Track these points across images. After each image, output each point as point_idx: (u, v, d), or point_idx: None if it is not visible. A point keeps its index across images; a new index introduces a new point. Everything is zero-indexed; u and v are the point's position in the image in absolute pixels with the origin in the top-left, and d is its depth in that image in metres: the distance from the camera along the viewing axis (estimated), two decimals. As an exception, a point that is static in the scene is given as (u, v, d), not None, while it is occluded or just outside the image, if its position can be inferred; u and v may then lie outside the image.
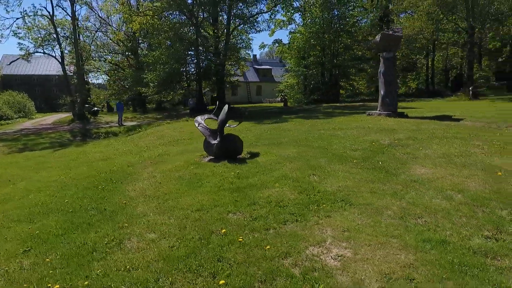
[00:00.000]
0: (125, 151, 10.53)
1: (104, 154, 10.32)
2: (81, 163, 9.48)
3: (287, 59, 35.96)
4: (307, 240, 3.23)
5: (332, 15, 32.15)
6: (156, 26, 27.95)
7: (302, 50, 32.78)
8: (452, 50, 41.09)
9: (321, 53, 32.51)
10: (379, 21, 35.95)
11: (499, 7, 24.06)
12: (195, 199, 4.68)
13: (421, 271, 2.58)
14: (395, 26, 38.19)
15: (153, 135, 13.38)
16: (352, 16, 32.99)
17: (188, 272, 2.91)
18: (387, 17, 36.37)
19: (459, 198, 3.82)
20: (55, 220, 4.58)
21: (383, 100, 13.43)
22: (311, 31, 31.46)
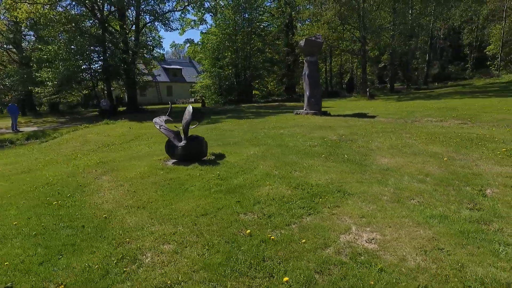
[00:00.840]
0: (49, 160, 9.04)
1: (21, 166, 8.65)
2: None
3: (202, 60, 35.65)
4: (335, 230, 3.49)
5: (243, 18, 33.21)
6: (49, 17, 24.34)
7: (217, 51, 33.01)
8: (345, 57, 47.06)
9: (235, 54, 33.27)
10: (285, 27, 38.71)
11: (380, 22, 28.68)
12: (190, 204, 4.46)
13: (443, 242, 3.10)
14: (297, 32, 41.87)
15: (75, 141, 11.74)
16: (262, 20, 34.72)
17: (241, 276, 2.84)
18: (291, 23, 39.42)
19: (430, 180, 4.61)
20: (20, 246, 3.79)
21: (309, 100, 14.65)
22: (225, 32, 31.92)
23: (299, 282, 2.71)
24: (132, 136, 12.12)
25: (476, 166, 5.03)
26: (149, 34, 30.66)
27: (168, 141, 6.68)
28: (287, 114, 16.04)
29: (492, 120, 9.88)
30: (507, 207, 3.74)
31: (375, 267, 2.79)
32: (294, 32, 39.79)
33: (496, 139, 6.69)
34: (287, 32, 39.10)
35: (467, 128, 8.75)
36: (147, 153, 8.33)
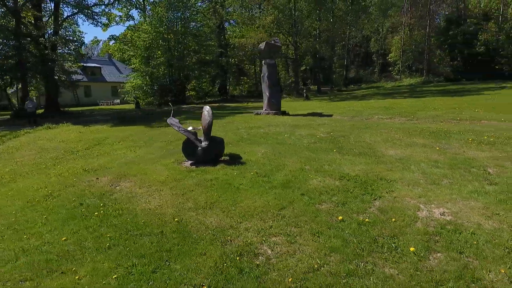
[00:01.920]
0: (12, 171, 7.79)
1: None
2: None
3: (132, 58, 33.50)
4: (409, 209, 4.15)
5: (176, 16, 32.36)
6: None
7: (149, 49, 31.47)
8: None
9: (169, 54, 32.21)
10: (217, 27, 38.94)
11: (310, 29, 31.27)
12: (258, 201, 4.65)
13: (494, 209, 4.02)
14: (227, 34, 42.58)
15: (26, 149, 10.17)
16: (196, 20, 34.30)
17: (372, 253, 3.29)
18: (223, 25, 39.87)
19: (442, 165, 5.66)
20: (106, 259, 3.55)
21: (270, 101, 15.36)
22: (158, 30, 30.66)
23: (422, 249, 3.29)
24: (93, 141, 11.11)
25: (464, 153, 6.32)
26: (69, 28, 27.68)
27: (187, 142, 6.56)
28: (246, 114, 16.48)
29: (429, 117, 11.98)
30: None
31: (468, 231, 3.54)
32: (225, 33, 40.37)
33: (454, 131, 8.32)
34: (219, 34, 39.39)
35: (418, 123, 10.48)
36: (140, 157, 7.92)
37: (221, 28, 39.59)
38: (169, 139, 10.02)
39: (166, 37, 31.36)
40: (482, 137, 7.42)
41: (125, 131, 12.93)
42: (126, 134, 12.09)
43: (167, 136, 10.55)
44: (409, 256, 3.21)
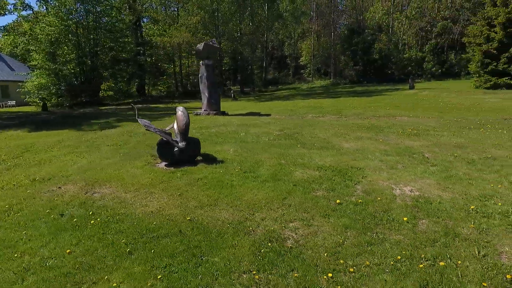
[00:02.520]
0: None
1: None
2: None
3: (33, 53, 29.21)
4: (386, 189, 5.02)
5: (87, 10, 29.49)
6: None
7: (55, 44, 27.95)
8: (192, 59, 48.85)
9: (79, 50, 29.17)
10: (134, 24, 36.69)
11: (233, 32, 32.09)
12: (258, 194, 5.00)
13: (450, 182, 5.18)
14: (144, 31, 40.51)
15: None
16: (110, 14, 31.73)
17: (379, 225, 3.99)
18: (139, 22, 37.75)
19: (392, 153, 6.81)
20: (143, 263, 3.50)
21: (209, 101, 15.48)
22: (66, 24, 27.49)
23: (411, 218, 4.13)
24: (18, 148, 9.75)
25: (402, 143, 7.69)
26: None
27: (163, 143, 6.43)
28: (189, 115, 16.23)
29: (353, 114, 13.80)
30: (446, 160, 6.28)
31: (435, 202, 4.53)
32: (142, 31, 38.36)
33: (384, 126, 9.90)
34: (135, 30, 37.19)
35: (349, 120, 12.04)
36: (96, 162, 7.39)
37: (137, 25, 37.48)
38: (115, 143, 9.46)
39: (75, 31, 28.38)
40: (407, 130, 9.07)
41: (52, 136, 11.58)
42: (55, 139, 10.87)
43: (111, 140, 9.91)
44: (405, 224, 4.02)
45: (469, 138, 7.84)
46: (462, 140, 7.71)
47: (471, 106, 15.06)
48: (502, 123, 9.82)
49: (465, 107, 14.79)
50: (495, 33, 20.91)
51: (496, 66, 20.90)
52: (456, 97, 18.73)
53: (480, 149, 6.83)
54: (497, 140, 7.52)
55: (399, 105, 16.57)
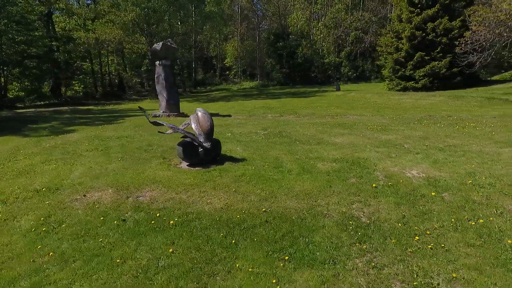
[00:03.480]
0: None
1: None
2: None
3: None
4: (400, 173, 6.18)
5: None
6: None
7: None
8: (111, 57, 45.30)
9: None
10: (45, 16, 32.39)
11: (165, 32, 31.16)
12: (308, 185, 5.63)
13: (441, 164, 6.60)
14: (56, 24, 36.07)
15: None
16: (16, 4, 27.47)
17: (418, 202, 5.05)
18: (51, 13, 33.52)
19: (380, 145, 8.12)
20: (265, 250, 3.86)
21: (168, 103, 15.15)
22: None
23: (436, 193, 5.30)
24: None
25: (380, 137, 9.12)
26: None
27: (187, 144, 6.50)
28: (137, 118, 15.55)
29: (309, 114, 15.24)
30: (422, 149, 7.78)
31: (442, 180, 5.82)
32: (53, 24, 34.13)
33: (349, 123, 11.39)
34: (47, 23, 32.92)
35: (312, 119, 13.35)
36: (110, 169, 7.01)
37: (49, 16, 33.32)
38: (93, 148, 8.81)
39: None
40: (372, 126, 10.67)
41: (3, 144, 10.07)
42: (8, 147, 9.55)
43: (84, 145, 9.14)
44: (435, 197, 5.16)
45: (425, 132, 9.74)
46: (421, 133, 9.54)
47: (396, 105, 17.97)
48: (434, 119, 12.27)
49: (392, 106, 17.59)
50: (402, 44, 25.12)
51: (404, 72, 25.12)
52: (379, 98, 21.95)
53: (440, 140, 8.65)
54: (445, 132, 9.54)
55: (339, 105, 18.71)
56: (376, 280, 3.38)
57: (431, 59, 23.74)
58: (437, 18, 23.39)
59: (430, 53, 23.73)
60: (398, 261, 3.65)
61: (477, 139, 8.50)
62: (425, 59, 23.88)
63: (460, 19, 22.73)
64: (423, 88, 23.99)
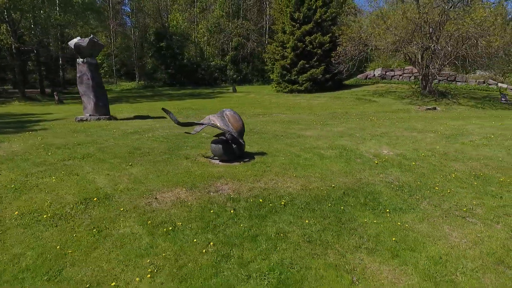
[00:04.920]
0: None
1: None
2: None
3: None
4: (379, 153, 8.54)
5: None
6: None
7: None
8: None
9: None
10: None
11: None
12: (338, 166, 7.24)
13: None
14: None
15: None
16: None
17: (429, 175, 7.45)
18: None
19: (348, 133, 10.43)
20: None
21: (97, 104, 13.78)
22: None
23: (444, 162, 7.83)
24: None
25: (331, 130, 11.47)
26: None
27: (225, 141, 7.07)
28: (58, 122, 13.55)
29: (254, 114, 16.72)
30: (382, 136, 10.50)
31: (437, 152, 8.47)
32: None
33: (296, 120, 13.50)
34: None
35: (261, 118, 14.91)
36: (137, 175, 6.85)
37: None
38: (80, 154, 7.98)
39: None
40: (313, 122, 13.08)
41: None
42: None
43: (61, 153, 8.14)
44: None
45: (356, 124, 12.75)
46: (354, 125, 12.49)
47: (298, 105, 21.42)
48: (347, 115, 15.77)
49: (297, 106, 20.91)
50: (288, 53, 29.39)
51: (290, 76, 29.48)
52: (278, 99, 25.29)
53: (372, 129, 11.68)
54: (368, 124, 12.78)
55: (253, 106, 20.85)
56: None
57: (310, 66, 28.76)
58: (313, 33, 28.52)
59: (309, 61, 28.71)
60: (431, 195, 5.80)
61: (393, 128, 11.95)
62: (306, 66, 28.74)
63: (329, 35, 28.48)
64: (306, 91, 28.81)
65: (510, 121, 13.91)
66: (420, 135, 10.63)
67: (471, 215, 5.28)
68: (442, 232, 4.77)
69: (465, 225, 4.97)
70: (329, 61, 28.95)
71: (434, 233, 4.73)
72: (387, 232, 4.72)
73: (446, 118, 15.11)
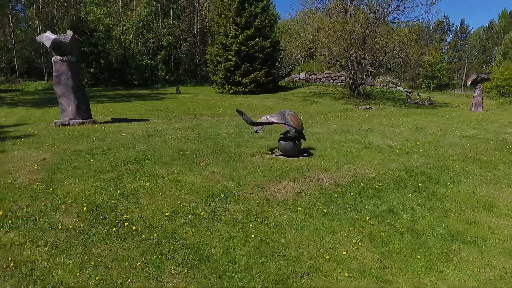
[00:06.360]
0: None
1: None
2: None
3: None
4: (369, 141, 10.46)
5: None
6: None
7: None
8: None
9: None
10: None
11: None
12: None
13: (416, 135, 11.44)
14: None
15: None
16: None
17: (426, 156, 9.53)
18: None
19: (334, 127, 12.10)
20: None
21: (79, 107, 12.47)
22: None
23: (436, 147, 9.94)
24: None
25: (329, 127, 13.04)
26: None
27: (293, 138, 7.89)
28: (30, 126, 11.88)
29: (213, 115, 17.14)
30: (370, 131, 12.43)
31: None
32: None
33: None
34: None
35: (230, 118, 15.55)
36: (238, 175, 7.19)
37: None
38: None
39: None
40: (307, 120, 14.51)
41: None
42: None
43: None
44: (442, 150, 9.75)
45: (337, 122, 14.65)
46: (340, 123, 14.37)
47: (254, 106, 22.62)
48: (312, 115, 17.66)
49: (253, 107, 22.08)
50: (232, 56, 30.28)
51: (234, 78, 30.44)
52: (230, 100, 26.00)
53: (354, 126, 13.72)
54: (345, 122, 14.83)
55: (212, 108, 21.23)
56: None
57: (253, 69, 30.28)
58: (255, 38, 30.11)
59: (252, 64, 30.20)
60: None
61: (369, 124, 14.23)
62: (249, 69, 30.14)
63: (269, 40, 30.51)
64: (249, 92, 30.24)
65: (437, 117, 17.85)
66: (395, 129, 13.09)
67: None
68: (497, 192, 6.72)
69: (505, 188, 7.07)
70: (270, 65, 31.06)
71: (493, 193, 6.65)
72: (465, 197, 6.43)
73: (391, 116, 18.40)
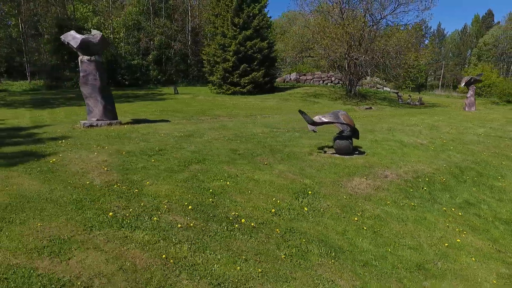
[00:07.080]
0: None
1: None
2: None
3: None
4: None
5: None
6: None
7: None
8: None
9: None
10: None
11: None
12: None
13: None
14: None
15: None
16: None
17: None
18: None
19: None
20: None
21: (106, 108, 12.24)
22: None
23: (455, 146, 10.59)
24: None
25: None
26: None
27: (348, 137, 8.24)
28: (56, 127, 11.58)
29: (226, 115, 17.26)
30: (383, 131, 13.00)
31: (447, 139, 11.26)
32: None
33: (284, 121, 15.06)
34: None
35: (245, 119, 15.76)
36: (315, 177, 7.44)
37: None
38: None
39: None
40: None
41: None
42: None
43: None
44: (468, 148, 10.39)
45: (360, 121, 15.15)
46: (360, 122, 14.88)
47: (258, 107, 22.88)
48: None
49: (258, 108, 22.32)
50: (230, 56, 30.31)
51: (232, 79, 30.50)
52: (232, 101, 26.06)
53: (376, 125, 14.27)
54: (365, 121, 15.39)
55: (216, 108, 21.27)
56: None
57: (252, 70, 30.47)
58: (253, 39, 30.31)
59: (251, 65, 30.39)
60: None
61: (388, 124, 14.85)
62: (247, 69, 30.31)
63: (267, 41, 30.83)
64: (247, 93, 30.43)
65: (439, 116, 18.82)
66: (413, 128, 13.76)
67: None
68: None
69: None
70: (268, 65, 31.39)
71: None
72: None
73: (398, 115, 19.21)
